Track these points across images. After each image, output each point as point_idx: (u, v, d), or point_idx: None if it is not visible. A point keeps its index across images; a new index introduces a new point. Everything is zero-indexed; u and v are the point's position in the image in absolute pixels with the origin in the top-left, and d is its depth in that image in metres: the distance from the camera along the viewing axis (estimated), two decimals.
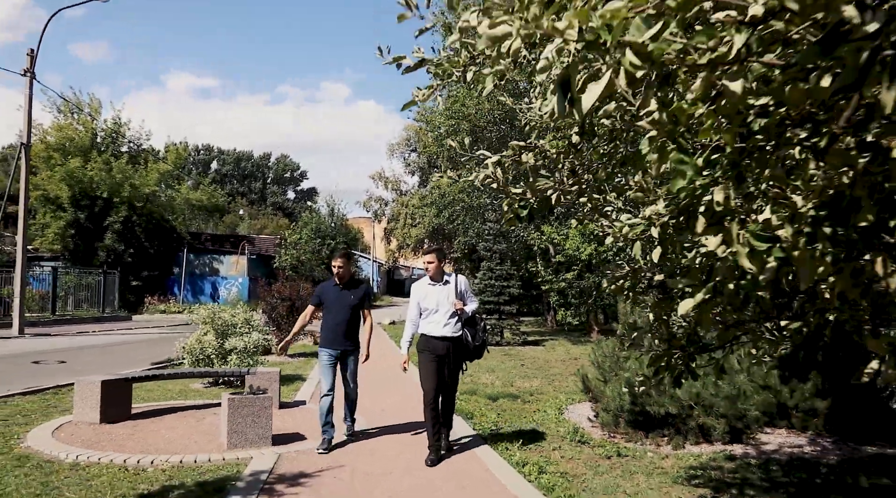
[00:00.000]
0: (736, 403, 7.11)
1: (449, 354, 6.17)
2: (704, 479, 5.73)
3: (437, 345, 6.16)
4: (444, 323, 6.17)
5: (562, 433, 7.36)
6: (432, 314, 6.21)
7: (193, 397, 9.31)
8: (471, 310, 6.28)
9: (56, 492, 4.92)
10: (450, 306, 6.17)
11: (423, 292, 6.29)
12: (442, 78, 2.59)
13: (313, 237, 43.17)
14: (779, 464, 6.24)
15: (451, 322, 6.18)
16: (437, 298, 6.21)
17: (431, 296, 6.23)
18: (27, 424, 7.21)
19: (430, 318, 6.23)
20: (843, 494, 5.32)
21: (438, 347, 6.16)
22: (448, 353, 6.16)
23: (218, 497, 4.85)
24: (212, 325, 10.47)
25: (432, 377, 6.13)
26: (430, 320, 6.22)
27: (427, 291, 6.28)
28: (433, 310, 6.21)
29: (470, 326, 6.23)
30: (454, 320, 6.19)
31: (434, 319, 6.20)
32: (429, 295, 6.25)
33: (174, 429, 7.11)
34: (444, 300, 6.20)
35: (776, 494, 5.31)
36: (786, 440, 7.28)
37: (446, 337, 6.16)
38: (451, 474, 5.65)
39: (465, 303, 6.24)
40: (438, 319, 6.18)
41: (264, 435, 6.33)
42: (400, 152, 47.83)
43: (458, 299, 6.18)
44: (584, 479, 5.63)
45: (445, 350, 6.16)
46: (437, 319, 6.19)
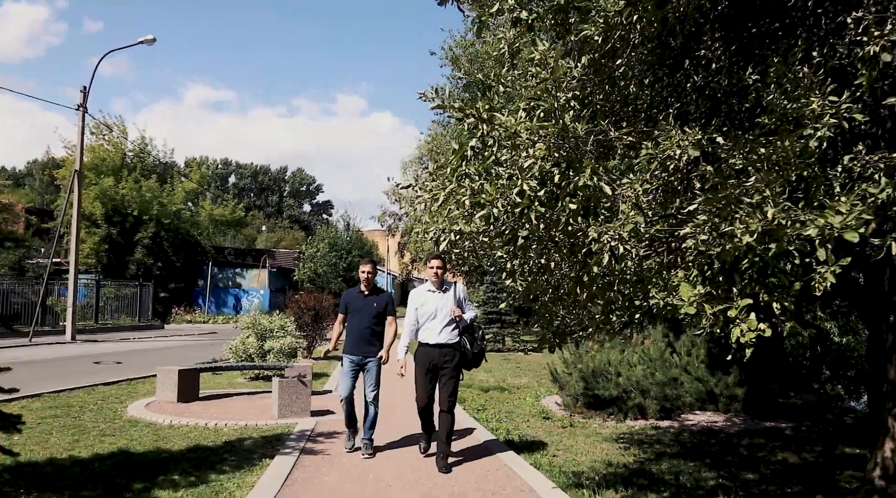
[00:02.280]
0: (664, 389, 9.19)
1: (443, 361, 6.15)
2: (628, 439, 7.82)
3: (432, 352, 6.17)
4: (440, 330, 6.16)
5: (532, 413, 9.46)
6: (430, 321, 6.20)
7: (240, 387, 11.49)
8: (469, 317, 6.28)
9: (167, 439, 7.10)
10: (448, 313, 6.16)
11: (421, 299, 6.31)
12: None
13: (330, 251, 45.39)
14: (690, 432, 8.30)
15: (448, 329, 6.17)
16: (435, 305, 6.21)
17: (430, 303, 6.24)
18: (121, 402, 9.41)
19: (427, 325, 6.22)
20: (721, 447, 7.39)
21: (434, 355, 6.16)
22: (444, 360, 6.15)
23: (278, 443, 6.99)
24: (253, 329, 12.67)
25: (424, 389, 6.22)
26: (427, 327, 6.22)
27: (426, 298, 6.28)
28: (431, 316, 6.20)
29: (468, 334, 6.25)
30: (451, 327, 6.18)
31: (431, 325, 6.19)
32: (427, 302, 6.26)
33: (234, 406, 9.30)
34: (442, 307, 6.19)
35: (674, 447, 7.38)
36: (708, 418, 9.33)
37: (442, 344, 6.15)
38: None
39: (463, 310, 6.25)
40: (435, 326, 6.17)
41: (304, 409, 8.48)
42: (413, 169, 50.04)
43: (457, 307, 6.20)
44: (539, 439, 7.72)
45: (440, 358, 6.15)
46: (434, 326, 6.18)
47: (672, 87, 4.15)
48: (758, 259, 2.59)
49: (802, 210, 2.45)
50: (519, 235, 2.99)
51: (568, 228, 2.93)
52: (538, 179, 2.82)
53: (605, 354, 9.91)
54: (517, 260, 3.31)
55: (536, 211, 2.85)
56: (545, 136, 2.87)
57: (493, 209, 2.79)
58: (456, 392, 6.25)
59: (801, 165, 2.63)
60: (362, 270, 6.81)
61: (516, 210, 2.82)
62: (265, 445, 6.95)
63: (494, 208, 2.78)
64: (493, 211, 2.79)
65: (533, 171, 2.82)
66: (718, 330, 2.74)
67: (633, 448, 7.37)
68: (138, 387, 11.13)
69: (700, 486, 5.79)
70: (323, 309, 17.03)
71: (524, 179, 2.82)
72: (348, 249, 48.18)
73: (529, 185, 2.78)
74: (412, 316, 6.33)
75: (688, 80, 4.06)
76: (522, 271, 3.43)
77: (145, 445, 6.86)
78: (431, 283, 6.36)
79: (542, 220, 2.92)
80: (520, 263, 3.47)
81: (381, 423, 6.97)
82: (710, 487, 5.77)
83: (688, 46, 4.12)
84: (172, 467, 5.96)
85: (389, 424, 7.99)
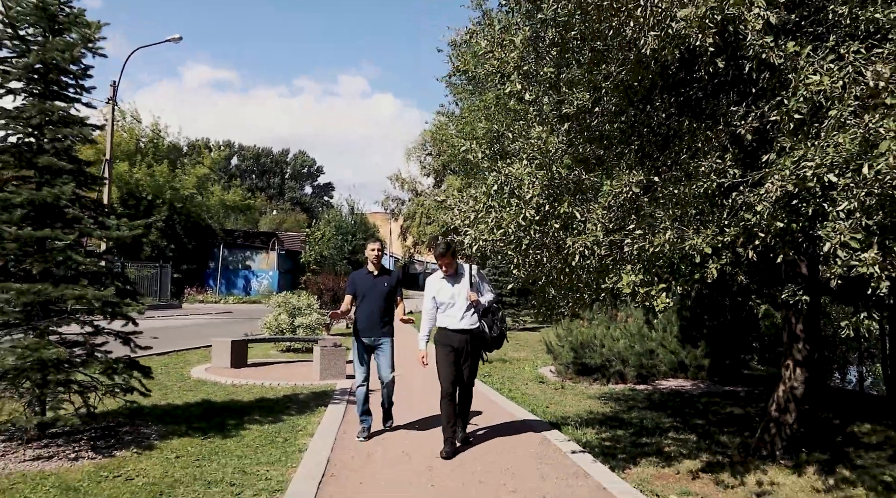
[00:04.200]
0: (641, 359, 10.92)
1: (466, 347, 6.15)
2: (608, 397, 9.56)
3: (454, 338, 6.14)
4: (461, 316, 6.14)
5: (530, 378, 11.20)
6: (449, 308, 6.19)
7: (275, 358, 13.22)
8: (486, 300, 6.25)
9: (235, 394, 8.82)
10: (466, 299, 6.15)
11: (437, 286, 6.27)
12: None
13: (336, 234, 47.07)
14: (661, 393, 10.04)
15: (468, 314, 6.16)
16: (451, 292, 6.18)
17: (446, 289, 6.21)
18: (182, 368, 11.13)
19: (447, 311, 6.20)
20: (682, 403, 9.13)
21: (455, 340, 6.14)
22: (465, 345, 6.15)
23: (326, 398, 8.71)
24: (284, 307, 14.39)
25: (450, 371, 6.11)
26: (448, 314, 6.19)
27: (441, 284, 6.24)
28: (449, 303, 6.19)
29: (487, 317, 6.22)
30: (471, 313, 6.17)
31: (451, 312, 6.18)
32: (443, 289, 6.22)
33: (278, 371, 11.03)
34: (459, 293, 6.17)
35: (644, 403, 9.12)
36: (678, 384, 11.07)
37: (464, 330, 6.14)
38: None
39: (480, 293, 6.25)
40: (455, 313, 6.15)
41: (341, 372, 10.21)
42: (416, 156, 51.58)
43: (474, 291, 6.19)
44: (536, 396, 9.45)
45: (463, 343, 6.14)
46: (455, 313, 6.16)
47: (633, 128, 5.79)
48: (668, 260, 4.25)
49: (690, 232, 4.12)
50: (523, 243, 4.66)
51: (554, 239, 4.59)
52: (535, 208, 4.47)
53: (592, 329, 11.64)
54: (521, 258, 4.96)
55: (534, 228, 4.51)
56: (539, 180, 4.54)
57: (508, 228, 4.46)
58: (475, 373, 6.41)
59: (697, 203, 4.28)
60: (371, 249, 6.71)
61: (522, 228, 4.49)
62: (316, 398, 8.68)
63: (509, 228, 4.45)
64: (508, 229, 4.46)
65: (531, 203, 4.48)
66: (647, 303, 4.42)
67: (611, 403, 9.11)
68: (188, 356, 12.86)
69: (658, 426, 7.51)
70: (340, 290, 18.75)
71: (526, 208, 4.49)
72: (353, 231, 49.91)
73: (530, 212, 4.44)
74: (430, 303, 6.29)
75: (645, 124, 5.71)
76: (524, 265, 5.09)
77: (221, 397, 8.59)
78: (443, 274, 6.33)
79: (538, 234, 4.59)
80: (522, 260, 5.13)
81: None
82: (666, 426, 7.50)
83: (649, 97, 5.77)
84: (249, 411, 7.69)
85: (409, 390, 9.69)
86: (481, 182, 5.83)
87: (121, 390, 6.23)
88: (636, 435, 7.11)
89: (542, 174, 4.56)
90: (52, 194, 5.48)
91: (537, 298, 6.27)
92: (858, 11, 3.92)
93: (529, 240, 4.65)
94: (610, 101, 5.07)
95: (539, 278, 5.43)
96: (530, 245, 4.72)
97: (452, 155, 29.16)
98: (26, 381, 5.58)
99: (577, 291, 5.11)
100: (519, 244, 4.69)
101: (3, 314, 5.47)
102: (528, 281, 5.64)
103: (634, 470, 5.73)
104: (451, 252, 6.12)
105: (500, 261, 24.88)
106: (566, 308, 5.60)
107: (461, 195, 5.17)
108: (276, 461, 5.64)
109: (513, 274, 5.72)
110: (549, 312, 6.26)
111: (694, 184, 4.33)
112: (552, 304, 5.77)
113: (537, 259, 5.14)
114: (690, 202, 4.29)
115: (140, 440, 6.16)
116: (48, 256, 5.59)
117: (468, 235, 4.64)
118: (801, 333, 5.86)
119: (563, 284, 5.13)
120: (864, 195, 3.26)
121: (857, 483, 5.40)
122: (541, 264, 4.97)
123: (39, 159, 5.67)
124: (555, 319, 11.40)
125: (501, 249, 4.78)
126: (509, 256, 5.13)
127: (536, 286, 5.81)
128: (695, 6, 3.74)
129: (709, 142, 4.40)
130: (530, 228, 4.58)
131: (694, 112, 5.00)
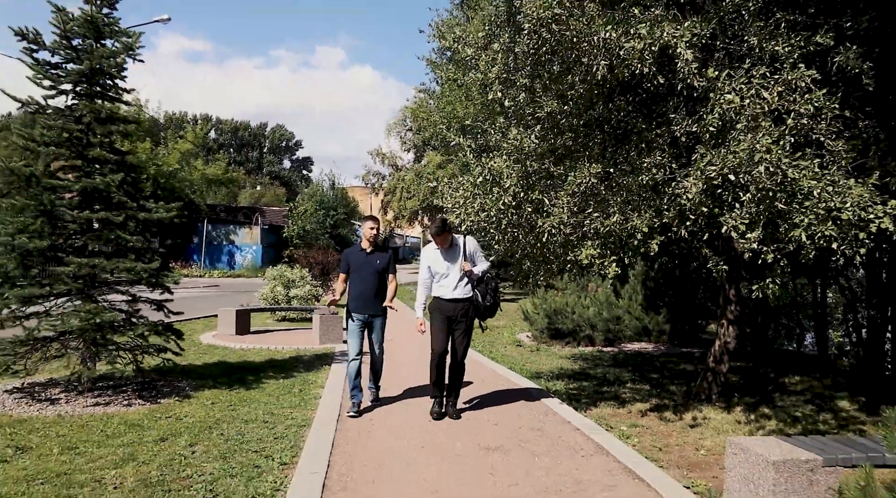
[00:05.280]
0: (609, 324, 12.15)
1: (459, 315, 6.41)
2: (578, 357, 10.78)
3: (447, 306, 6.40)
4: (454, 286, 6.38)
5: (509, 342, 12.40)
6: (443, 278, 6.42)
7: (272, 326, 14.27)
8: (480, 270, 6.46)
9: (246, 356, 9.89)
10: (460, 269, 6.37)
11: (432, 257, 6.45)
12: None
13: (318, 209, 47.82)
14: (625, 354, 11.27)
15: (461, 284, 6.39)
16: (446, 263, 6.40)
17: (441, 260, 6.41)
18: (191, 335, 12.14)
19: (441, 281, 6.45)
20: (643, 361, 10.37)
21: (449, 309, 6.39)
22: (459, 314, 6.40)
23: (328, 358, 9.81)
24: (279, 280, 15.41)
25: (442, 337, 6.39)
26: (442, 284, 6.44)
27: (436, 255, 6.42)
28: (444, 273, 6.41)
29: (481, 286, 6.46)
30: (464, 282, 6.39)
31: (445, 283, 6.42)
32: (439, 259, 6.41)
33: (279, 338, 12.10)
34: (453, 264, 6.39)
35: (609, 361, 10.34)
36: (641, 346, 12.32)
37: (457, 299, 6.38)
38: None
39: (474, 263, 6.44)
40: (449, 283, 6.40)
41: (338, 337, 11.31)
42: (397, 131, 52.30)
43: (468, 261, 6.38)
44: (514, 357, 10.63)
45: (456, 311, 6.39)
46: (448, 283, 6.40)
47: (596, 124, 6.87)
48: (618, 237, 5.36)
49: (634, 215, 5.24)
50: (502, 223, 5.76)
51: (528, 220, 5.69)
52: (512, 196, 5.56)
53: (564, 297, 12.83)
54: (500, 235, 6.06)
55: (511, 211, 5.60)
56: (516, 172, 5.62)
57: (490, 211, 5.55)
58: (468, 344, 6.61)
59: (641, 191, 5.38)
60: (370, 227, 6.82)
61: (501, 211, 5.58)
62: (319, 359, 9.78)
63: (491, 211, 5.54)
64: (490, 212, 5.55)
65: (509, 191, 5.57)
66: (602, 272, 5.54)
67: (580, 362, 10.33)
68: (192, 325, 13.84)
69: (618, 379, 8.73)
70: (329, 264, 19.77)
71: (505, 195, 5.58)
72: (334, 206, 50.68)
73: (508, 199, 5.53)
74: (426, 273, 6.53)
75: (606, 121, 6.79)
76: (503, 241, 6.18)
77: (234, 359, 9.66)
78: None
79: (514, 216, 5.68)
80: (502, 237, 6.23)
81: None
82: (625, 379, 8.72)
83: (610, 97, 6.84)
84: (263, 370, 8.77)
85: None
86: (461, 159, 6.95)
87: (155, 350, 7.25)
88: (598, 386, 8.31)
89: (518, 168, 5.65)
90: (103, 182, 6.46)
91: (515, 269, 7.40)
92: (764, 43, 5.01)
93: (507, 221, 5.75)
94: (576, 105, 6.14)
95: (516, 252, 6.54)
96: (508, 225, 5.82)
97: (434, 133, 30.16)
98: (83, 340, 6.60)
99: (547, 262, 6.23)
100: (499, 224, 5.77)
101: (65, 284, 6.47)
102: (507, 255, 6.74)
103: (594, 410, 6.92)
104: (446, 231, 6.28)
105: (483, 238, 25.75)
106: (540, 277, 6.71)
107: (451, 182, 6.25)
108: (297, 406, 6.75)
109: (494, 249, 6.83)
110: (525, 281, 7.37)
111: (640, 176, 5.43)
112: (527, 273, 6.89)
113: (514, 236, 6.24)
114: (636, 191, 5.40)
115: (177, 391, 7.22)
116: (101, 234, 6.58)
117: (458, 217, 5.72)
118: (733, 297, 7.05)
119: (535, 257, 6.24)
120: (755, 190, 4.39)
121: (772, 418, 6.65)
122: (517, 241, 6.07)
123: (90, 152, 6.63)
124: (531, 290, 12.59)
125: (484, 228, 5.86)
126: (491, 234, 6.23)
127: (514, 259, 6.92)
128: (637, 40, 4.82)
129: (654, 141, 5.50)
130: (508, 211, 5.68)
131: (644, 114, 6.08)
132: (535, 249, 6.01)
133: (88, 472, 4.57)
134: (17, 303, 6.33)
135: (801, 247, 4.52)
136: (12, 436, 5.38)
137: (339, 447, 5.31)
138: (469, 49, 6.62)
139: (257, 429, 5.82)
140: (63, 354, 6.79)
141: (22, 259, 6.32)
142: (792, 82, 4.76)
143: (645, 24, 4.91)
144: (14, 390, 6.93)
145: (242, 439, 5.47)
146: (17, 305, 6.41)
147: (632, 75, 5.14)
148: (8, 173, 6.36)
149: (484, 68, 6.00)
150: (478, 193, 5.77)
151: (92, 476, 4.49)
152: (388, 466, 4.86)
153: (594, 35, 4.94)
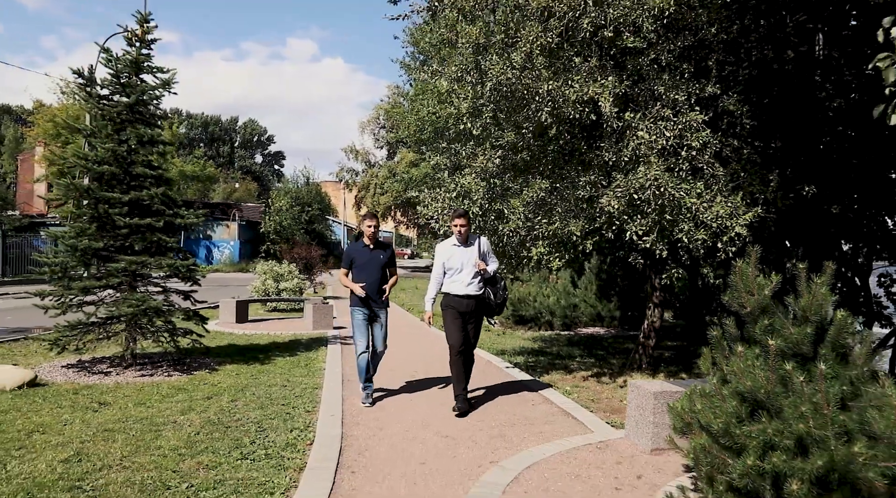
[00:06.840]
0: (566, 311, 13.87)
1: (471, 311, 6.59)
2: (538, 339, 12.47)
3: (460, 302, 6.55)
4: (467, 282, 6.54)
5: None
6: (456, 274, 6.56)
7: (265, 316, 15.75)
8: (492, 269, 6.67)
9: (250, 340, 11.39)
10: (474, 267, 6.52)
11: (448, 253, 6.61)
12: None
13: (294, 205, 49.00)
14: (580, 337, 12.99)
15: (475, 282, 6.56)
16: (461, 259, 6.54)
17: (456, 256, 6.56)
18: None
19: (454, 277, 6.58)
20: (593, 342, 12.10)
21: (461, 304, 6.54)
22: (470, 310, 6.58)
23: (323, 341, 11.34)
24: (270, 274, 16.87)
25: (457, 332, 6.51)
26: (455, 280, 6.57)
27: (452, 252, 6.59)
28: (457, 269, 6.56)
29: (491, 285, 6.69)
30: (477, 280, 6.57)
31: (458, 278, 6.56)
32: (454, 256, 6.57)
33: (275, 325, 13.61)
34: (468, 261, 6.53)
35: (564, 342, 12.05)
36: (595, 330, 14.06)
37: (469, 295, 6.54)
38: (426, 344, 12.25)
39: (486, 263, 6.62)
40: (462, 279, 6.54)
41: (329, 324, 12.85)
42: (370, 129, 53.65)
43: (481, 260, 6.55)
44: (482, 339, 12.26)
45: (468, 307, 6.56)
46: (462, 279, 6.55)
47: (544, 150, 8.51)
48: (560, 239, 7.02)
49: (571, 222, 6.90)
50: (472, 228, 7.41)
51: (491, 225, 7.35)
52: (479, 207, 7.20)
53: (527, 288, 14.53)
54: None
55: (479, 219, 7.24)
56: (482, 188, 7.26)
57: None
58: (478, 337, 6.86)
59: (577, 203, 7.04)
60: (368, 225, 7.03)
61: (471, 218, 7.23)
62: (315, 342, 11.33)
63: None
64: None
65: (476, 203, 7.20)
66: (549, 266, 7.19)
67: (539, 342, 12.02)
68: None
69: (570, 354, 10.42)
70: (312, 259, 21.24)
71: (473, 206, 7.21)
72: (309, 202, 51.86)
73: (475, 209, 7.16)
74: (439, 269, 6.67)
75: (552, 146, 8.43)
76: None
77: (242, 342, 11.16)
78: (457, 238, 6.60)
79: (481, 222, 7.32)
80: None
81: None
82: (575, 355, 10.42)
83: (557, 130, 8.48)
84: (270, 350, 10.28)
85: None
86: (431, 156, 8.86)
87: (185, 333, 8.73)
88: (552, 359, 10.00)
89: (484, 185, 7.29)
90: (148, 195, 7.94)
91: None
92: (668, 92, 6.68)
93: (476, 226, 7.38)
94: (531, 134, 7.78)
95: None
96: (476, 229, 7.45)
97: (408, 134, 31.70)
98: (130, 324, 8.07)
99: (508, 258, 7.87)
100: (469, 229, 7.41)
101: (116, 277, 7.94)
102: None
103: (546, 377, 8.59)
104: (468, 216, 6.65)
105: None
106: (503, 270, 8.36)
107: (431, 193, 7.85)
108: (307, 375, 8.30)
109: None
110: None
111: (577, 191, 7.09)
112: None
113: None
114: (574, 203, 7.06)
115: (205, 366, 8.73)
116: (145, 236, 8.06)
117: (437, 222, 7.34)
118: (658, 285, 8.78)
119: (499, 255, 7.88)
120: (654, 205, 6.07)
121: (685, 380, 8.38)
122: None
123: (134, 169, 8.10)
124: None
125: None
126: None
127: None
128: (572, 91, 6.46)
129: (590, 162, 7.16)
130: (476, 219, 7.31)
131: (585, 139, 7.75)
132: (498, 248, 7.64)
133: (163, 417, 6.10)
134: (80, 293, 7.80)
135: (686, 247, 6.21)
136: (89, 397, 6.87)
137: (348, 401, 6.92)
138: (445, 82, 8.22)
139: (280, 390, 7.38)
140: (109, 336, 8.25)
141: (82, 257, 7.78)
142: (687, 123, 6.45)
143: (580, 76, 6.56)
144: (69, 366, 8.39)
145: (271, 397, 7.02)
146: (78, 296, 7.87)
147: (569, 117, 6.79)
148: (68, 186, 7.82)
149: (456, 103, 7.60)
150: (453, 205, 7.39)
151: (166, 419, 6.02)
152: (386, 410, 6.47)
153: (540, 87, 6.57)
